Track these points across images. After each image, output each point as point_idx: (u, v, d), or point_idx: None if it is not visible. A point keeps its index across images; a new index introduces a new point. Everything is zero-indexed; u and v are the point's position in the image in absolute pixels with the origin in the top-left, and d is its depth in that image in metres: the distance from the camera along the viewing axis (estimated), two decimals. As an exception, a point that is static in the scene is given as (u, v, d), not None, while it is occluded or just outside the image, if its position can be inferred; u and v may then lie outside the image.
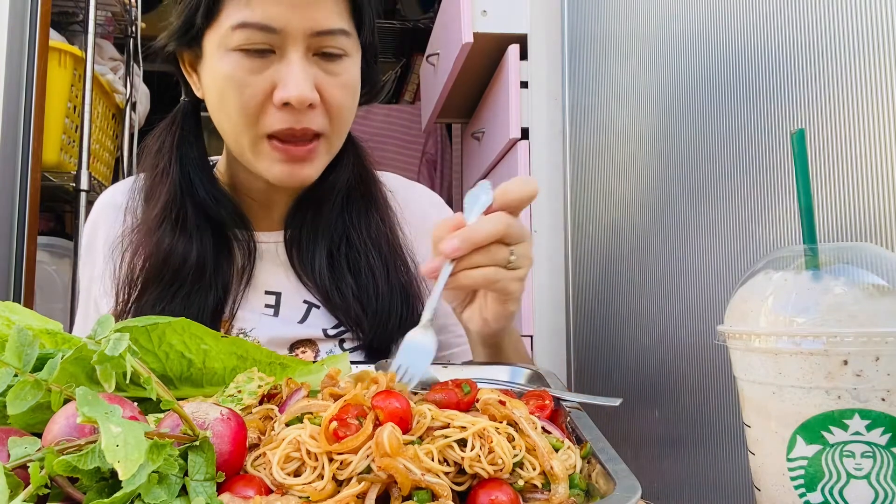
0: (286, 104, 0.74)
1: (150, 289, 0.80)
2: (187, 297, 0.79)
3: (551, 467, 0.42)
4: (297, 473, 0.41)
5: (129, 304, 0.81)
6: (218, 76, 0.76)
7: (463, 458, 0.41)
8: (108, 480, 0.36)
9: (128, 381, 0.42)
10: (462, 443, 0.42)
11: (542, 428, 0.48)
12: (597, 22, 1.18)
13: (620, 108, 1.07)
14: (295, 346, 0.83)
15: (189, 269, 0.79)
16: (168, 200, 0.81)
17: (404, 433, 0.42)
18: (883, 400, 0.40)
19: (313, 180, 0.81)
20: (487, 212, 0.65)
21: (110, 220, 0.88)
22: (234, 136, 0.78)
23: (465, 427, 0.42)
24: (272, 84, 0.74)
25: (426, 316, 0.62)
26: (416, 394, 0.53)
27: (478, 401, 0.49)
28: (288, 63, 0.74)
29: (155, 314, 0.54)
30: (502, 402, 0.47)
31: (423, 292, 0.87)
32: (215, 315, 0.81)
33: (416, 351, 0.59)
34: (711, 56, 0.81)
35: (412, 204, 0.93)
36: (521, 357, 0.80)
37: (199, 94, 0.84)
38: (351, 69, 0.79)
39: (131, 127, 2.22)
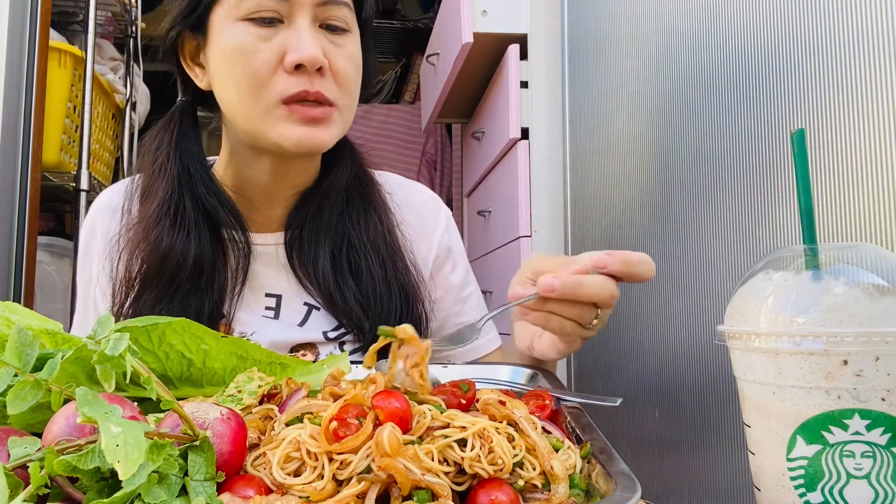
0: (297, 67, 0.75)
1: (147, 289, 0.79)
2: (185, 299, 0.79)
3: (551, 467, 0.42)
4: (297, 473, 0.41)
5: (127, 306, 0.80)
6: (226, 49, 0.76)
7: (463, 458, 0.41)
8: (108, 480, 0.36)
9: (128, 381, 0.42)
10: (462, 443, 0.42)
11: (542, 428, 0.48)
12: (597, 22, 1.18)
13: (620, 107, 1.07)
14: (295, 349, 0.83)
15: (187, 268, 0.79)
16: (166, 196, 0.81)
17: (404, 433, 0.42)
18: (883, 400, 0.40)
19: (328, 147, 0.81)
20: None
21: (107, 221, 0.88)
22: (245, 109, 0.78)
23: (465, 427, 0.42)
24: (282, 51, 0.75)
25: (478, 327, 0.62)
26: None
27: (478, 401, 0.49)
28: (297, 29, 0.76)
29: (152, 315, 0.54)
30: (502, 402, 0.47)
31: (421, 293, 0.87)
32: (212, 317, 0.81)
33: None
34: (711, 56, 0.81)
35: (411, 203, 0.93)
36: None
37: (202, 85, 0.84)
38: (354, 44, 0.81)
39: (131, 127, 2.22)
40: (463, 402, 0.50)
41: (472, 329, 0.60)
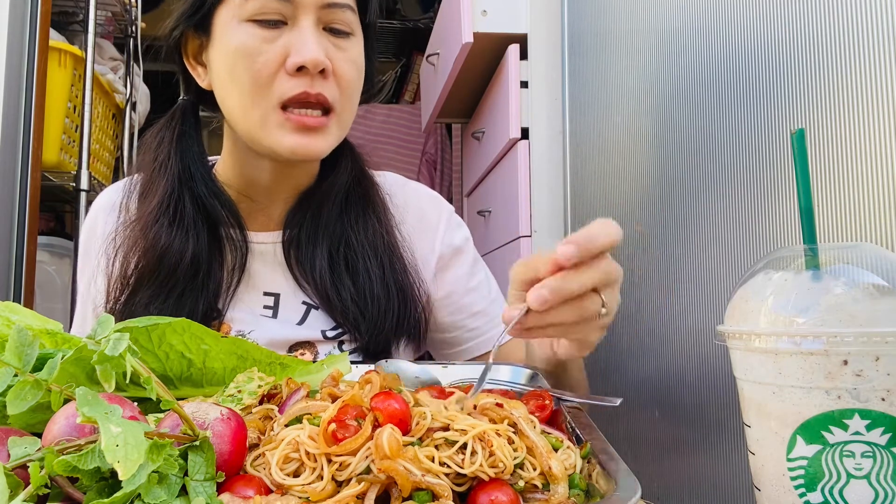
0: (300, 69, 0.75)
1: (142, 287, 0.80)
2: (180, 297, 0.79)
3: (549, 467, 0.42)
4: (296, 474, 0.41)
5: (121, 303, 0.80)
6: (230, 49, 0.77)
7: (463, 461, 0.41)
8: (108, 480, 0.36)
9: (128, 381, 0.42)
10: (463, 444, 0.42)
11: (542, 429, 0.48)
12: (596, 21, 1.18)
13: (620, 107, 1.07)
14: (294, 347, 0.83)
15: (184, 267, 0.79)
16: (166, 194, 0.81)
17: (404, 434, 0.42)
18: (883, 400, 0.40)
19: (324, 155, 0.81)
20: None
21: (107, 220, 0.88)
22: (245, 111, 0.78)
23: (465, 430, 0.42)
24: (284, 52, 0.75)
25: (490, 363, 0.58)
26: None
27: (475, 407, 0.49)
28: (300, 31, 0.76)
29: (147, 313, 0.54)
30: (499, 405, 0.47)
31: (419, 294, 0.87)
32: (207, 315, 0.81)
33: None
34: (711, 55, 0.81)
35: (411, 203, 0.93)
36: (581, 387, 0.76)
37: (203, 85, 0.84)
38: (357, 48, 0.81)
39: (131, 127, 2.22)
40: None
41: (486, 368, 0.58)
